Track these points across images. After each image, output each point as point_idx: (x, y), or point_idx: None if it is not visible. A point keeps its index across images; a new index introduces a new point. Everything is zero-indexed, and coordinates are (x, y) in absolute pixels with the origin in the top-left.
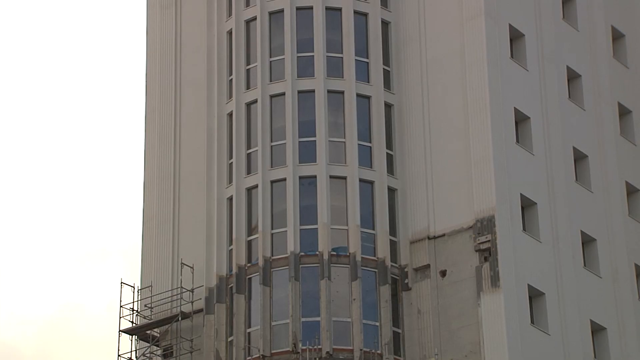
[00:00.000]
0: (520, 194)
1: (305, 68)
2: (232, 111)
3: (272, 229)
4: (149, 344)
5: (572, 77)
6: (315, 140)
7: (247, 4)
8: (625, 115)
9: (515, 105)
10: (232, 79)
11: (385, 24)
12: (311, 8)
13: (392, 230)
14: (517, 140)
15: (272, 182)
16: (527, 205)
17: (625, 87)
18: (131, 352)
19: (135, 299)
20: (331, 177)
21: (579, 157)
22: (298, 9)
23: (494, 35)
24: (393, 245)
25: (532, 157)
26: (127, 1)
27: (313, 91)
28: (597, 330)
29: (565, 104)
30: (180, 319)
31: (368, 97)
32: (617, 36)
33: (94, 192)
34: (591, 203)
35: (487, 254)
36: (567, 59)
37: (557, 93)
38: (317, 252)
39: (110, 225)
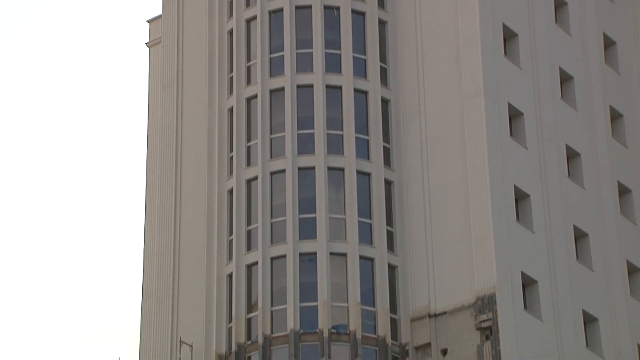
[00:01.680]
0: (521, 272)
1: (306, 144)
2: (232, 187)
3: (271, 306)
4: None
5: (572, 155)
6: (315, 217)
7: (249, 82)
8: (625, 194)
9: (515, 183)
10: (232, 156)
11: (385, 102)
12: (311, 86)
13: (393, 307)
14: (518, 218)
15: (272, 258)
16: (528, 283)
17: (624, 166)
18: None
19: None
20: (331, 254)
21: (580, 236)
22: (299, 87)
23: (493, 114)
24: (394, 323)
25: (533, 235)
26: (129, 79)
27: (313, 168)
28: None
29: (565, 182)
30: None
31: (368, 174)
32: (615, 116)
33: (93, 272)
34: (592, 282)
35: (489, 333)
36: (566, 137)
37: (557, 171)
38: (317, 330)
39: (109, 305)
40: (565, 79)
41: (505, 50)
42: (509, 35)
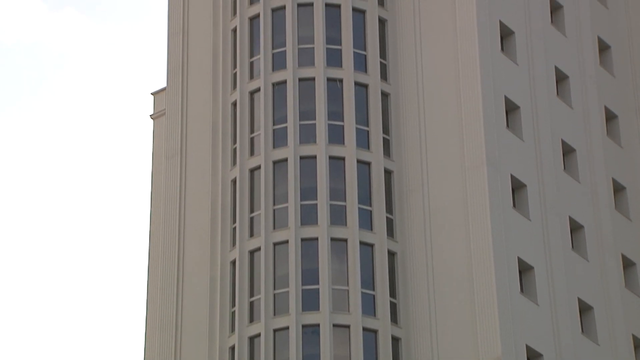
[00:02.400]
0: (526, 344)
1: (309, 215)
2: (235, 258)
3: None
4: None
5: (575, 227)
6: (318, 289)
7: (252, 153)
8: (630, 267)
9: (519, 254)
10: (235, 227)
11: (388, 173)
12: (314, 157)
13: None
14: (522, 290)
15: (275, 330)
16: (532, 356)
17: (628, 238)
18: None
19: None
20: (334, 325)
21: (585, 309)
22: (302, 158)
23: (496, 185)
24: None
25: (537, 307)
26: (133, 150)
27: (316, 239)
28: None
29: (569, 254)
30: None
31: (371, 245)
32: (618, 188)
33: (94, 347)
34: (598, 356)
35: None
36: (569, 209)
37: (561, 243)
38: None
39: None
40: (567, 150)
41: (507, 122)
42: (511, 107)
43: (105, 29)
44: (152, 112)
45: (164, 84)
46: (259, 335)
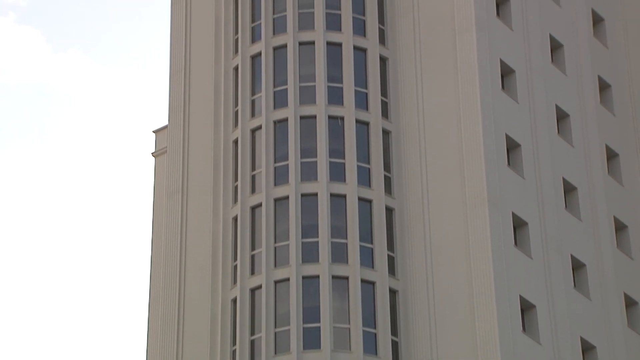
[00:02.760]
0: None
1: (310, 253)
2: (236, 296)
3: None
4: None
5: (577, 266)
6: (319, 327)
7: (253, 191)
8: (632, 306)
9: (520, 293)
10: (236, 265)
11: (389, 210)
12: (315, 195)
13: None
14: (524, 329)
15: None
16: None
17: (630, 277)
18: None
19: None
20: None
21: (587, 348)
22: (303, 195)
23: (497, 223)
24: None
25: (540, 346)
26: (134, 188)
27: (317, 277)
28: None
29: (571, 293)
30: None
31: (373, 283)
32: (620, 226)
33: None
34: None
35: None
36: (571, 248)
37: (563, 282)
38: None
39: None
40: (568, 189)
41: (508, 160)
42: (512, 145)
43: (109, 69)
44: (153, 150)
45: (165, 122)
46: None
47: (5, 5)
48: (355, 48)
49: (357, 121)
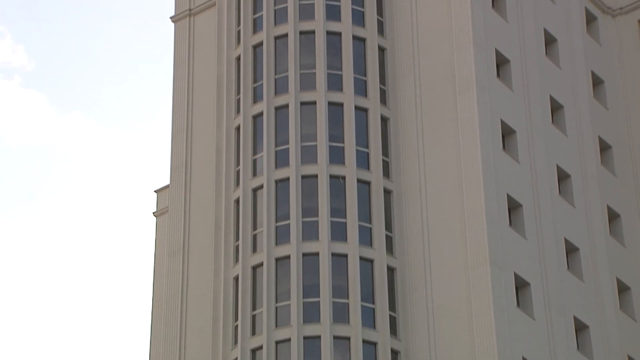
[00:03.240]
0: None
1: (311, 313)
2: (237, 357)
3: None
4: None
5: (580, 327)
6: None
7: (254, 250)
8: None
9: (523, 354)
10: (237, 325)
11: (390, 270)
12: (317, 254)
13: None
14: None
15: None
16: None
17: (633, 339)
18: None
19: None
20: None
21: None
22: (304, 255)
23: (499, 283)
24: None
25: None
26: (135, 248)
27: (319, 337)
28: None
29: (574, 354)
30: None
31: (374, 343)
32: (623, 288)
33: None
34: None
35: None
36: (574, 308)
37: (566, 343)
38: None
39: None
40: (570, 249)
41: (510, 220)
42: (513, 205)
43: (111, 130)
44: (155, 210)
45: (167, 182)
46: None
47: (11, 69)
48: (357, 108)
49: (359, 180)
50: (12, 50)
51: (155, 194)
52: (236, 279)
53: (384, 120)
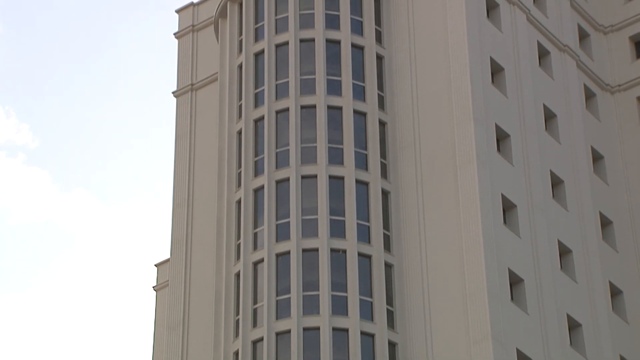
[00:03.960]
0: None
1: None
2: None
3: None
4: None
5: None
6: None
7: (255, 325)
8: None
9: None
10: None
11: (392, 345)
12: (317, 329)
13: None
14: None
15: None
16: None
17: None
18: None
19: None
20: None
21: None
22: (305, 329)
23: (501, 359)
24: None
25: None
26: (135, 321)
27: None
28: None
29: None
30: None
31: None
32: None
33: None
34: None
35: None
36: None
37: None
38: None
39: None
40: (573, 325)
41: (511, 296)
42: (515, 280)
43: (113, 206)
44: (155, 284)
45: (167, 255)
46: None
47: (16, 147)
48: (358, 181)
49: (360, 254)
50: (16, 129)
51: (156, 267)
52: (236, 353)
53: (385, 193)
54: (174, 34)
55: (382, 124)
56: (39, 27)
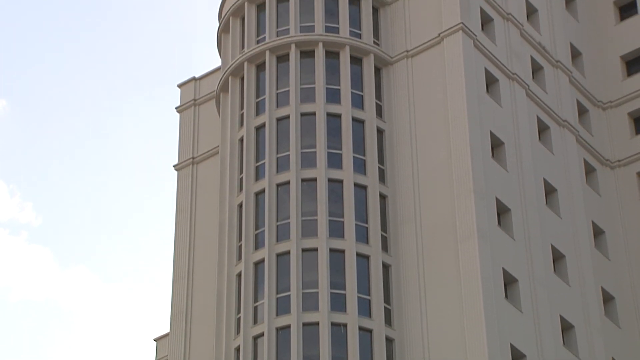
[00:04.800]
0: None
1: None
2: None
3: None
4: None
5: None
6: None
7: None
8: None
9: None
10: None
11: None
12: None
13: None
14: None
15: None
16: None
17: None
18: None
19: None
20: None
21: None
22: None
23: None
24: None
25: None
26: None
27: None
28: None
29: None
30: None
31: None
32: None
33: None
34: None
35: None
36: None
37: None
38: None
39: None
40: None
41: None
42: (517, 356)
43: (113, 284)
44: (154, 359)
45: (167, 330)
46: None
47: (19, 225)
48: (358, 255)
49: (360, 328)
50: (20, 208)
51: (155, 342)
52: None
53: (386, 267)
54: (176, 107)
55: (382, 197)
56: (43, 104)
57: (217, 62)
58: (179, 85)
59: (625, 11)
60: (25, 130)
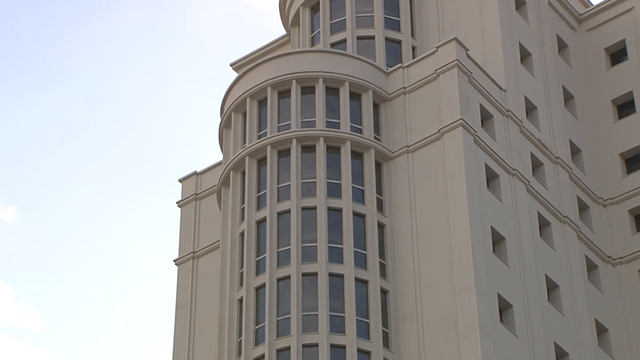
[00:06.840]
0: None
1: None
2: None
3: None
4: None
5: None
6: None
7: None
8: None
9: None
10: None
11: None
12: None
13: None
14: None
15: None
16: None
17: None
18: None
19: None
20: None
21: None
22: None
23: None
24: None
25: None
26: None
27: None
28: None
29: None
30: None
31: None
32: None
33: None
34: None
35: None
36: None
37: None
38: None
39: None
40: None
41: None
42: None
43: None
44: None
45: None
46: None
47: (22, 330)
48: (359, 350)
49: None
50: (23, 314)
51: None
52: None
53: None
54: (177, 202)
55: (383, 292)
56: (50, 207)
57: (218, 156)
58: (180, 180)
59: (623, 109)
60: (32, 236)
